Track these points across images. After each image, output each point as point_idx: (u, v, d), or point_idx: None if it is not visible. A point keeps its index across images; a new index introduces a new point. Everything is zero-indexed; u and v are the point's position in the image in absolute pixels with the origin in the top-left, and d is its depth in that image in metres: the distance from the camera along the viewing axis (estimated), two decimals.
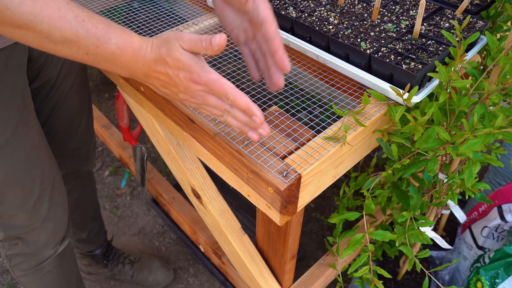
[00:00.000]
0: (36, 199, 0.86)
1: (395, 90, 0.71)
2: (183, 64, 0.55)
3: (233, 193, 1.59)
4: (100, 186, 1.81)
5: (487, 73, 0.77)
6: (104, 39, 0.53)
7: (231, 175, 0.72)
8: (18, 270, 0.98)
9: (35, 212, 0.87)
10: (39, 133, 0.85)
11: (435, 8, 0.89)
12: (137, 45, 0.56)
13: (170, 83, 0.58)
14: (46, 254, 0.97)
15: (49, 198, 0.89)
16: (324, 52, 0.82)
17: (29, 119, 0.80)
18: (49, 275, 1.01)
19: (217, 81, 0.56)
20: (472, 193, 0.84)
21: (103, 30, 0.53)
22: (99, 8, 1.04)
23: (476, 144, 0.59)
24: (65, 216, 0.96)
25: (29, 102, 0.81)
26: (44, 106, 0.96)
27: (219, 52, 0.55)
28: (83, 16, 0.52)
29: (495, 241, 1.21)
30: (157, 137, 0.98)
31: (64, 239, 0.99)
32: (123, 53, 0.55)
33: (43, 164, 0.86)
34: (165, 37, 0.56)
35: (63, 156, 1.08)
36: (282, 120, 0.74)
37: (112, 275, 1.43)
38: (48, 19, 0.50)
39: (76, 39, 0.52)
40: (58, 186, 0.92)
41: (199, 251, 1.45)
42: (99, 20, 0.54)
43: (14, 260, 0.96)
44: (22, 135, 0.79)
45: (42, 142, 0.86)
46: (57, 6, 0.50)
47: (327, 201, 1.75)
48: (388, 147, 0.76)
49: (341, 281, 1.02)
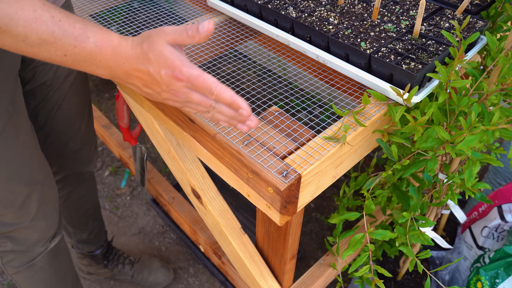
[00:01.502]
0: (24, 198, 0.86)
1: (395, 90, 0.71)
2: (165, 59, 0.54)
3: (233, 193, 1.59)
4: (100, 186, 1.81)
5: (487, 73, 0.77)
6: (82, 38, 0.53)
7: (231, 175, 0.72)
8: (10, 267, 0.98)
9: (24, 211, 0.88)
10: (29, 134, 0.84)
11: (435, 8, 0.89)
12: (116, 43, 0.55)
13: (152, 82, 0.57)
14: (37, 251, 0.97)
15: (38, 198, 0.89)
16: (324, 52, 0.82)
17: (19, 120, 0.80)
18: (41, 272, 1.01)
19: (199, 76, 0.54)
20: (472, 193, 0.84)
21: (80, 29, 0.53)
22: (99, 8, 1.04)
23: (473, 141, 0.59)
24: (55, 214, 0.96)
25: (19, 103, 0.81)
26: (42, 107, 0.96)
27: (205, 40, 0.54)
28: (59, 17, 0.52)
29: (495, 241, 1.21)
30: (157, 137, 0.98)
31: (55, 236, 0.99)
32: (102, 51, 0.54)
33: (32, 164, 0.86)
34: (146, 34, 0.55)
35: (64, 158, 1.08)
36: (282, 120, 0.74)
37: (112, 276, 1.43)
38: (24, 21, 0.50)
39: (53, 40, 0.52)
40: (48, 186, 0.92)
41: (199, 251, 1.45)
42: (76, 20, 0.53)
43: (6, 258, 0.96)
44: (10, 136, 0.79)
45: (32, 142, 0.86)
46: (33, 8, 0.50)
47: (327, 201, 1.75)
48: (388, 148, 0.76)
49: (341, 281, 1.02)
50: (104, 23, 0.99)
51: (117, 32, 0.96)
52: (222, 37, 0.97)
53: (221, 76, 0.88)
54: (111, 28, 0.97)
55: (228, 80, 0.87)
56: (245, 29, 1.00)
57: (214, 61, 0.91)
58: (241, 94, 0.82)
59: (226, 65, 0.90)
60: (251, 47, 0.99)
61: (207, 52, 0.94)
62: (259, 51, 0.98)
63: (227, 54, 0.94)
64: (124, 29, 0.98)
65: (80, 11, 1.01)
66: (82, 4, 1.05)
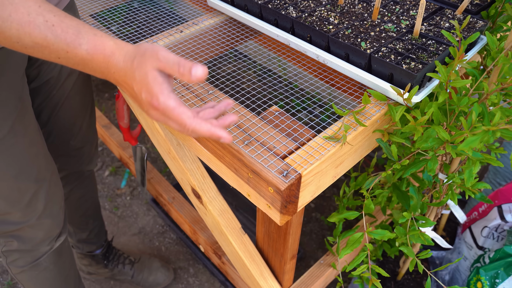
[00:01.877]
0: (31, 196, 0.86)
1: (395, 90, 0.71)
2: (146, 83, 0.53)
3: (233, 193, 1.59)
4: (100, 186, 1.81)
5: (487, 73, 0.77)
6: (74, 45, 0.53)
7: (231, 175, 0.72)
8: (15, 267, 0.98)
9: (31, 209, 0.88)
10: (36, 131, 0.85)
11: (435, 8, 0.89)
12: (109, 52, 0.54)
13: (136, 99, 0.56)
14: (42, 250, 0.97)
15: (45, 195, 0.89)
16: (324, 52, 0.82)
17: (26, 117, 0.81)
18: (46, 272, 1.01)
19: (174, 109, 0.52)
20: (472, 193, 0.84)
21: (73, 35, 0.53)
22: (99, 8, 1.05)
23: (474, 142, 0.59)
24: (61, 213, 0.97)
25: (27, 100, 0.81)
26: (45, 105, 0.96)
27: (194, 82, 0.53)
28: (53, 21, 0.52)
29: (495, 241, 1.21)
30: (157, 137, 0.98)
31: (60, 235, 1.00)
32: (94, 59, 0.54)
33: (39, 161, 0.86)
34: (142, 49, 0.54)
35: (66, 156, 1.08)
36: (282, 120, 0.74)
37: (112, 275, 1.43)
38: (17, 25, 0.50)
39: (46, 44, 0.52)
40: (54, 184, 0.92)
41: (199, 251, 1.45)
42: (70, 24, 0.53)
43: (10, 257, 0.96)
44: (18, 133, 0.79)
45: (39, 140, 0.86)
46: (27, 11, 0.50)
47: (327, 201, 1.75)
48: (388, 147, 0.76)
49: (341, 281, 1.02)
50: (104, 23, 0.99)
51: (117, 32, 0.96)
52: (222, 37, 0.97)
53: (221, 76, 0.88)
54: (111, 28, 0.98)
55: (228, 80, 0.88)
56: (245, 29, 1.00)
57: (214, 61, 0.91)
58: (241, 94, 0.82)
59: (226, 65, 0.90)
60: (251, 47, 0.99)
61: (207, 52, 0.94)
62: (259, 51, 0.98)
63: (227, 54, 0.94)
64: (124, 29, 0.98)
65: (80, 11, 1.01)
66: (82, 4, 1.05)
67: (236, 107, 0.75)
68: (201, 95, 0.78)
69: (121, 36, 0.95)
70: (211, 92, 0.79)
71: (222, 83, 0.86)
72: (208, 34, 0.97)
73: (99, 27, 0.95)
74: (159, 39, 0.92)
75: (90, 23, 0.96)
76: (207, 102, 0.76)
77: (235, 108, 0.75)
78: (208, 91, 0.79)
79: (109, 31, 0.95)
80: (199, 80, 0.51)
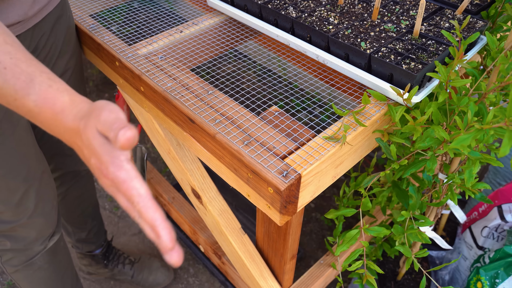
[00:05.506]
0: (21, 195, 0.86)
1: (395, 90, 0.71)
2: (93, 150, 0.45)
3: (233, 193, 1.59)
4: (100, 186, 1.81)
5: (487, 73, 0.77)
6: (22, 94, 0.48)
7: (231, 175, 0.72)
8: (9, 266, 0.98)
9: (21, 208, 0.88)
10: (25, 130, 0.85)
11: (435, 8, 0.89)
12: (59, 109, 0.48)
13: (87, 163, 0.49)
14: (36, 250, 0.97)
15: (36, 194, 0.89)
16: (324, 52, 0.82)
17: (14, 116, 0.80)
18: (41, 271, 1.01)
19: (124, 182, 0.44)
20: (472, 193, 0.84)
21: (23, 83, 0.48)
22: (99, 8, 1.04)
23: (466, 140, 0.58)
24: (54, 212, 0.96)
25: None
26: None
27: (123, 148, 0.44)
28: (7, 64, 0.48)
29: (495, 241, 1.21)
30: (157, 137, 0.98)
31: (54, 234, 1.00)
32: (42, 112, 0.49)
33: (29, 160, 0.86)
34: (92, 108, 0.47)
35: (61, 155, 1.08)
36: (282, 120, 0.74)
37: (112, 275, 1.43)
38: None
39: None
40: (45, 183, 0.92)
41: (199, 251, 1.45)
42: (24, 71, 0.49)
43: (5, 256, 0.96)
44: (6, 132, 0.79)
45: (29, 139, 0.86)
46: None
47: (327, 201, 1.75)
48: (387, 147, 0.76)
49: (341, 281, 1.02)
50: (104, 23, 0.99)
51: (117, 32, 0.96)
52: (222, 37, 0.97)
53: (221, 76, 0.88)
54: (111, 28, 0.98)
55: (228, 80, 0.88)
56: (245, 29, 1.00)
57: (214, 61, 0.91)
58: (241, 94, 0.82)
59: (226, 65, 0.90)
60: (251, 47, 0.99)
61: (207, 52, 0.94)
62: (259, 51, 0.98)
63: (227, 54, 0.94)
64: (124, 29, 0.98)
65: (80, 11, 1.01)
66: (82, 4, 1.05)
67: (236, 107, 0.75)
68: (201, 95, 0.78)
69: (121, 36, 0.95)
70: (211, 92, 0.79)
71: (222, 83, 0.86)
72: (208, 34, 0.97)
73: (99, 27, 0.95)
74: (159, 39, 0.92)
75: (90, 23, 0.96)
76: (207, 102, 0.76)
77: (235, 108, 0.75)
78: (208, 91, 0.79)
79: (109, 31, 0.95)
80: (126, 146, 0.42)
